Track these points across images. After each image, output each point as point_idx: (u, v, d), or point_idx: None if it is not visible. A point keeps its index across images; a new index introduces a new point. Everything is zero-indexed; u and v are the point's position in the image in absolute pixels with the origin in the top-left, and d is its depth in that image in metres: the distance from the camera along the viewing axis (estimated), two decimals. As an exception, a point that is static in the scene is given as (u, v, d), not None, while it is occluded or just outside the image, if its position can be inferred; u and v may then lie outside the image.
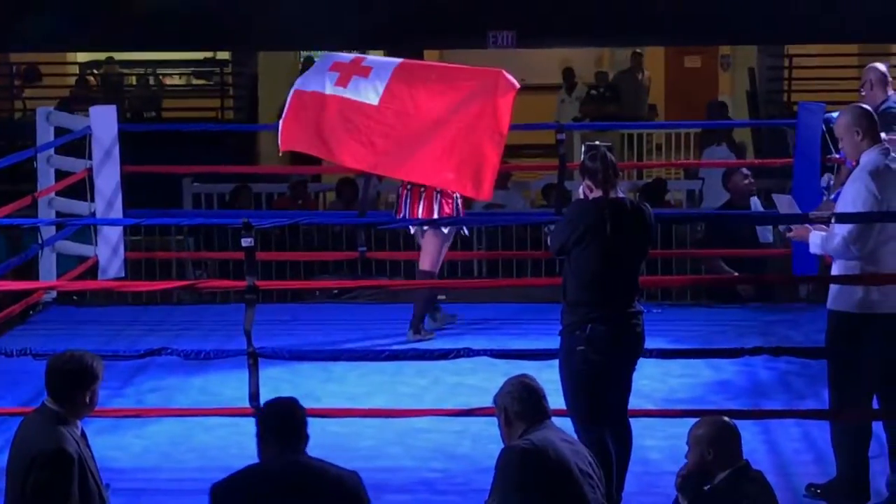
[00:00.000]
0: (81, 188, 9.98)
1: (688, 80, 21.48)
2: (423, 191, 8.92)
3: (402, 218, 9.06)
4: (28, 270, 10.18)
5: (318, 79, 9.14)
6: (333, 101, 8.97)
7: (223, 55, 19.74)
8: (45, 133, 10.15)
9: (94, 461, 4.89)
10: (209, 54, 20.35)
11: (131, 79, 20.55)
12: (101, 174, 9.88)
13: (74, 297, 10.47)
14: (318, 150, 9.24)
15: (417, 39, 17.91)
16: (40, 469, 4.67)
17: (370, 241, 11.03)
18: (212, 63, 20.13)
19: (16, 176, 12.64)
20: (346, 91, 8.93)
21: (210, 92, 19.54)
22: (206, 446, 7.26)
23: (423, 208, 8.93)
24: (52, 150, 10.16)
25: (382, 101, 8.84)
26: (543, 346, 7.08)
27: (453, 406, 7.50)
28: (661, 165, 16.98)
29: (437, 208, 8.93)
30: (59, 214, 10.12)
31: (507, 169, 14.65)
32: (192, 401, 8.00)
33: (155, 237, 11.86)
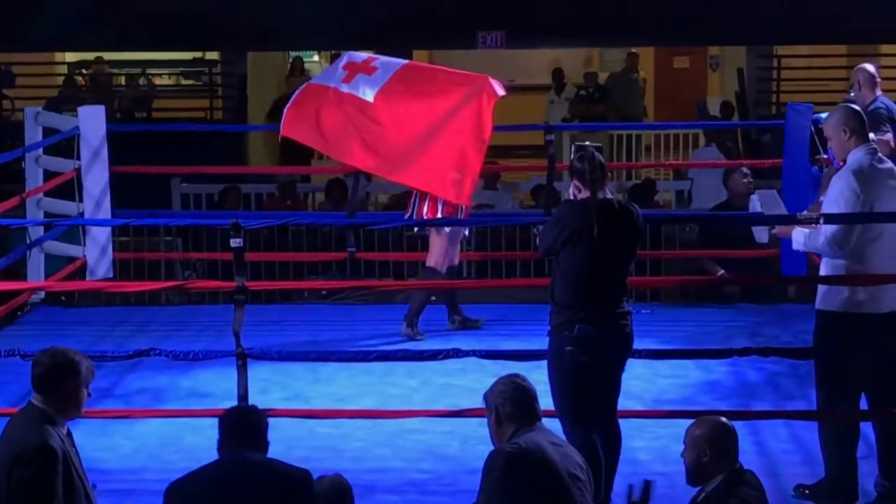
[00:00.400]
0: (70, 188, 9.97)
1: (677, 81, 21.50)
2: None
3: (393, 218, 9.11)
4: (16, 271, 10.17)
5: (330, 74, 9.37)
6: (336, 96, 9.11)
7: (212, 55, 19.71)
8: (33, 133, 10.14)
9: (79, 460, 4.87)
10: (198, 54, 20.33)
11: (120, 79, 20.52)
12: (90, 174, 9.87)
13: (63, 298, 10.45)
14: (314, 142, 9.48)
15: (406, 40, 17.88)
16: (25, 465, 4.66)
17: (359, 241, 11.02)
18: (201, 63, 20.10)
19: (4, 176, 12.63)
20: (349, 87, 9.07)
21: (199, 92, 19.51)
22: (194, 447, 7.23)
23: (429, 208, 8.98)
24: (41, 151, 10.14)
25: (377, 99, 8.98)
26: (532, 346, 7.08)
27: (442, 407, 7.50)
28: (651, 166, 16.99)
29: (440, 208, 8.98)
30: (47, 215, 10.11)
31: (497, 170, 14.66)
32: (181, 402, 8.00)
33: (143, 238, 11.84)
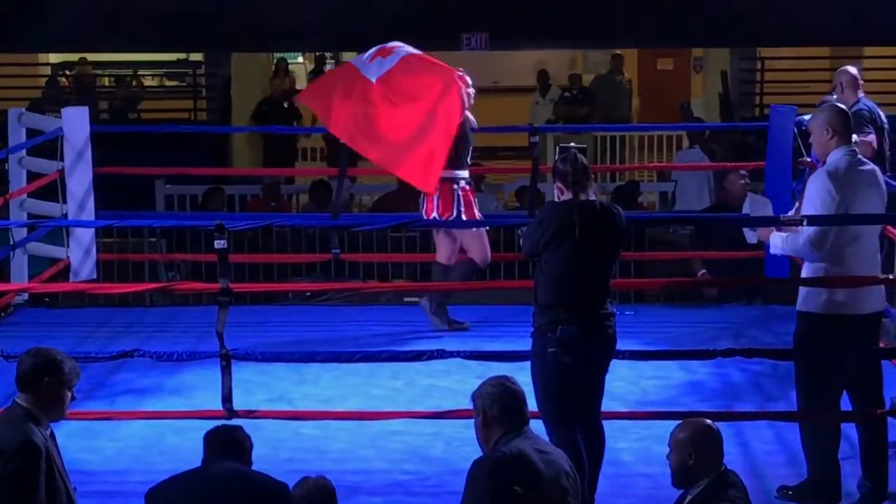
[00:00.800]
0: (53, 190, 9.95)
1: (660, 83, 21.52)
2: (439, 188, 9.09)
3: (377, 220, 9.16)
4: (-1, 272, 10.16)
5: (361, 57, 9.53)
6: (353, 71, 9.35)
7: (196, 57, 19.69)
8: (16, 134, 10.12)
9: (62, 461, 4.88)
10: (182, 56, 20.30)
11: (104, 80, 20.48)
12: (74, 175, 9.84)
13: (46, 299, 10.43)
14: (320, 111, 9.61)
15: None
16: (7, 461, 4.67)
17: (343, 243, 11.02)
18: (185, 64, 20.07)
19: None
20: (367, 68, 9.26)
21: (183, 93, 19.48)
22: (178, 449, 7.23)
23: (432, 207, 9.14)
24: (24, 152, 10.12)
25: (378, 81, 9.17)
26: (517, 347, 7.09)
27: (427, 408, 7.50)
28: (634, 168, 17.03)
29: (436, 205, 9.13)
30: (30, 216, 10.09)
31: (481, 171, 14.67)
32: (165, 403, 7.98)
33: (127, 239, 11.82)
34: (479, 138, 9.24)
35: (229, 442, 5.10)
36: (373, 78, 9.18)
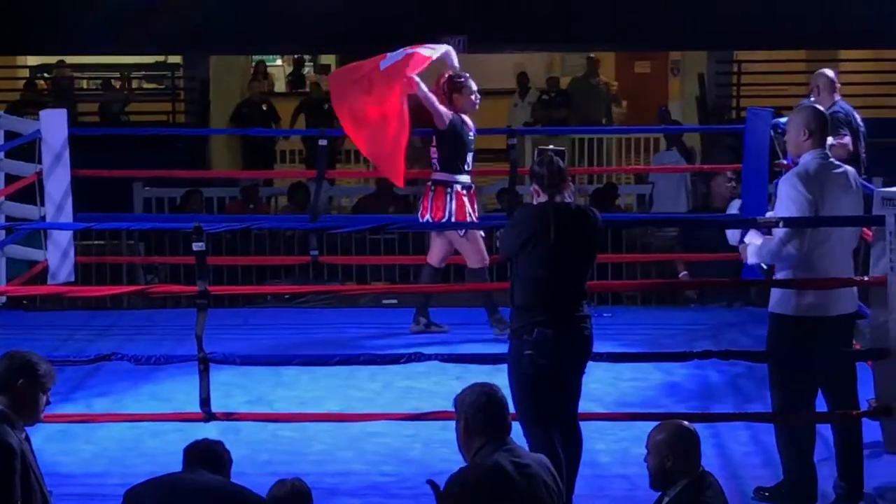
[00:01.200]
0: (31, 192, 9.92)
1: (638, 86, 21.56)
2: (433, 191, 9.14)
3: (355, 222, 9.16)
4: (-23, 275, 10.12)
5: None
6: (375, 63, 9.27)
7: (174, 59, 19.66)
8: (-6, 137, 10.09)
9: (37, 463, 4.87)
10: (160, 58, 20.27)
11: (82, 82, 20.43)
12: (52, 178, 9.82)
13: (24, 302, 10.42)
14: (336, 95, 9.44)
15: (369, 44, 17.85)
16: None
17: (322, 245, 11.03)
18: (163, 67, 20.04)
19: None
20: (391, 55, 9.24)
21: (161, 96, 19.45)
22: (156, 452, 7.23)
23: (431, 209, 9.16)
24: (2, 154, 10.09)
25: (384, 71, 9.13)
26: (495, 350, 7.11)
27: (405, 410, 7.51)
28: (612, 171, 17.07)
29: (430, 205, 9.14)
30: (8, 218, 10.05)
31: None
32: (143, 406, 7.98)
33: (105, 241, 11.81)
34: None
35: (209, 455, 5.12)
36: (382, 66, 9.17)
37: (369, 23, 16.44)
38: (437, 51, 9.37)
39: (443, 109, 9.11)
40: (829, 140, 6.84)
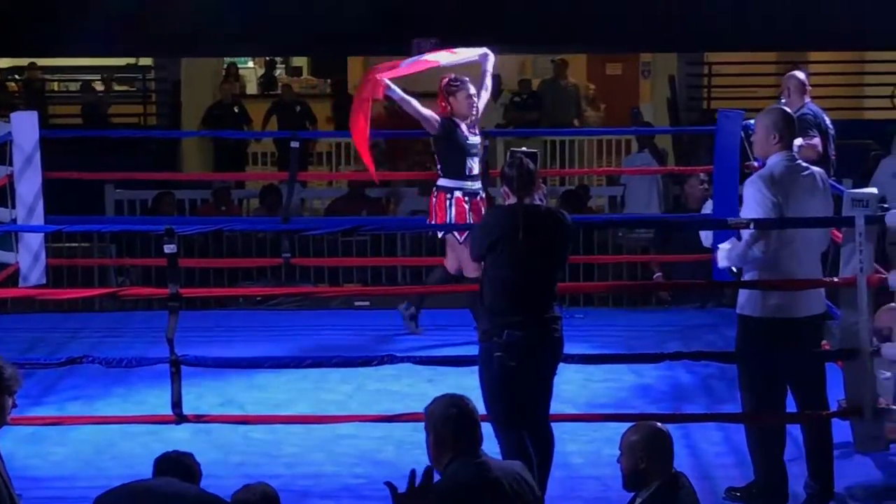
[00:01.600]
0: (2, 195, 9.88)
1: (609, 88, 21.61)
2: (436, 197, 9.07)
3: (327, 224, 9.16)
4: (-52, 278, 10.08)
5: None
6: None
7: (146, 61, 19.62)
8: (-36, 139, 10.05)
9: (4, 467, 4.85)
10: (131, 60, 20.22)
11: (53, 84, 20.37)
12: (23, 180, 9.79)
13: (-5, 305, 10.38)
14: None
15: (341, 47, 17.91)
16: None
17: (294, 247, 11.02)
18: (134, 69, 19.99)
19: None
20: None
21: (132, 98, 19.40)
22: (128, 454, 7.22)
23: (434, 216, 9.11)
24: (-28, 157, 10.06)
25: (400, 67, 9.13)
26: (467, 352, 7.11)
27: (377, 412, 7.51)
28: (584, 172, 17.10)
29: (434, 211, 9.07)
30: (-21, 221, 10.03)
31: (432, 176, 14.70)
32: (114, 408, 7.97)
33: (77, 244, 11.77)
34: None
35: (179, 467, 5.09)
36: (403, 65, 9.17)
37: (340, 25, 16.44)
38: (461, 54, 9.32)
39: (426, 113, 8.99)
40: (799, 141, 6.87)
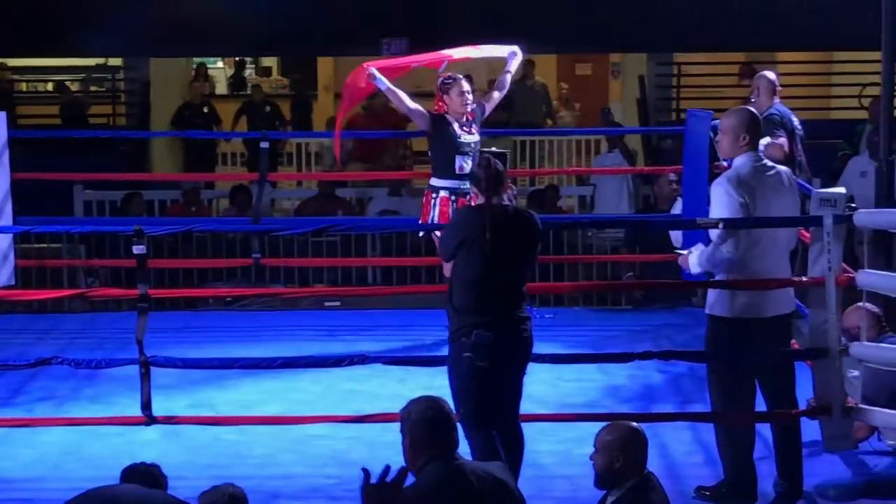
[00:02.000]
0: (-30, 196, 9.85)
1: (579, 88, 21.64)
2: (425, 196, 9.04)
3: (297, 224, 9.15)
4: (-85, 279, 10.02)
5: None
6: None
7: (115, 61, 19.55)
8: (-69, 140, 10.00)
9: None
10: (101, 60, 20.15)
11: (22, 84, 20.28)
12: (-10, 181, 9.75)
13: (-37, 307, 10.33)
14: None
15: (310, 46, 17.88)
16: None
17: (264, 248, 11.01)
18: (103, 69, 19.92)
19: None
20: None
21: (101, 98, 19.33)
22: (97, 455, 7.21)
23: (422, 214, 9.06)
24: (-60, 157, 10.00)
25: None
26: (438, 352, 7.12)
27: (348, 412, 7.51)
28: (555, 172, 17.12)
29: (422, 213, 9.02)
30: (-53, 222, 9.97)
31: (403, 176, 14.73)
32: (84, 410, 7.94)
33: (46, 245, 11.73)
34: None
35: (147, 478, 5.07)
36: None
37: (310, 25, 16.42)
38: (485, 52, 9.33)
39: (413, 106, 8.92)
40: (765, 140, 6.89)
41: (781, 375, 6.66)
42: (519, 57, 9.34)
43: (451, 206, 8.82)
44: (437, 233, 8.91)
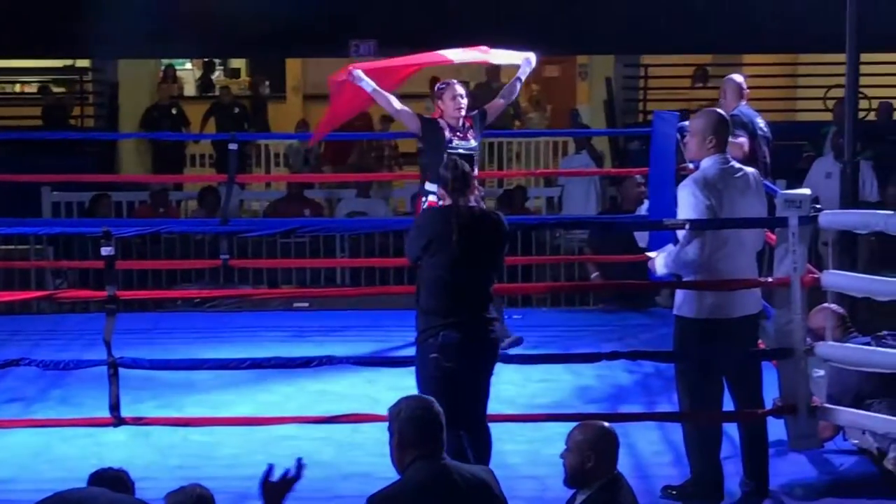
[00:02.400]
0: (-63, 198, 9.83)
1: (547, 90, 21.67)
2: (416, 200, 9.09)
3: (266, 225, 9.14)
4: None
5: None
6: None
7: (83, 63, 19.49)
8: None
9: None
10: (69, 62, 20.08)
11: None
12: (-42, 184, 9.73)
13: (-70, 309, 10.28)
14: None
15: (279, 48, 17.86)
16: None
17: (232, 249, 11.00)
18: (71, 71, 19.86)
19: None
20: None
21: (70, 100, 19.26)
22: (65, 457, 7.19)
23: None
24: None
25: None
26: (406, 353, 7.14)
27: (317, 413, 7.51)
28: (522, 174, 17.16)
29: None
30: (-86, 224, 9.93)
31: (372, 178, 14.75)
32: (52, 411, 7.92)
33: (13, 246, 11.69)
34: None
35: (115, 483, 5.06)
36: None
37: (279, 27, 16.41)
38: (494, 56, 9.34)
39: (400, 108, 8.87)
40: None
41: (748, 375, 6.70)
42: (533, 65, 9.26)
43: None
44: None
